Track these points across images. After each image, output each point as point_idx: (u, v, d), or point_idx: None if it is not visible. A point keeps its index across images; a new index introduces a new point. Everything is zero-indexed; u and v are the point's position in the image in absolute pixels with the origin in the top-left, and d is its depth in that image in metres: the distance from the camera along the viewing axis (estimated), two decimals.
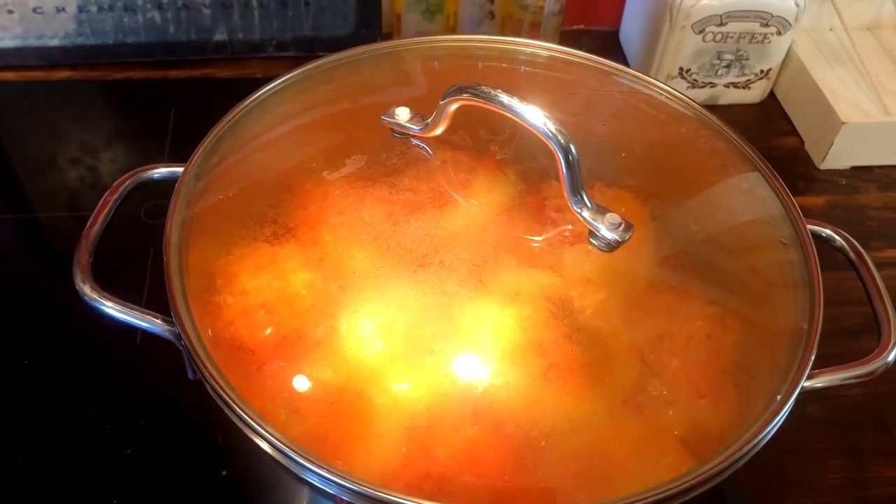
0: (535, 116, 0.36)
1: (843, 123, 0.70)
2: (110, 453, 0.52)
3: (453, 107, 0.40)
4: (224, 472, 0.51)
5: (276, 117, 0.46)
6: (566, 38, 0.82)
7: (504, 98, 0.37)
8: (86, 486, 0.50)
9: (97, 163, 0.70)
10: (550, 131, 0.36)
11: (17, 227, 0.66)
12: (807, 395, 0.57)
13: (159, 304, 0.40)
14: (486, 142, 0.43)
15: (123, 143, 0.72)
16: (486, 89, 0.37)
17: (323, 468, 0.33)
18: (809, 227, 0.43)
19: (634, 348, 0.39)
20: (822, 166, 0.73)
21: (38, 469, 0.51)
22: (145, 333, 0.56)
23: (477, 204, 0.41)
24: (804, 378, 0.37)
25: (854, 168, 0.74)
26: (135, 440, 0.52)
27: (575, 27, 0.84)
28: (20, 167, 0.70)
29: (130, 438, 0.52)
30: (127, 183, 0.43)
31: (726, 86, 0.77)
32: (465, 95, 0.38)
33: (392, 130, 0.43)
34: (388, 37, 0.80)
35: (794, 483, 0.53)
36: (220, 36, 0.76)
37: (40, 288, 0.61)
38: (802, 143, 0.76)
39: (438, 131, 0.42)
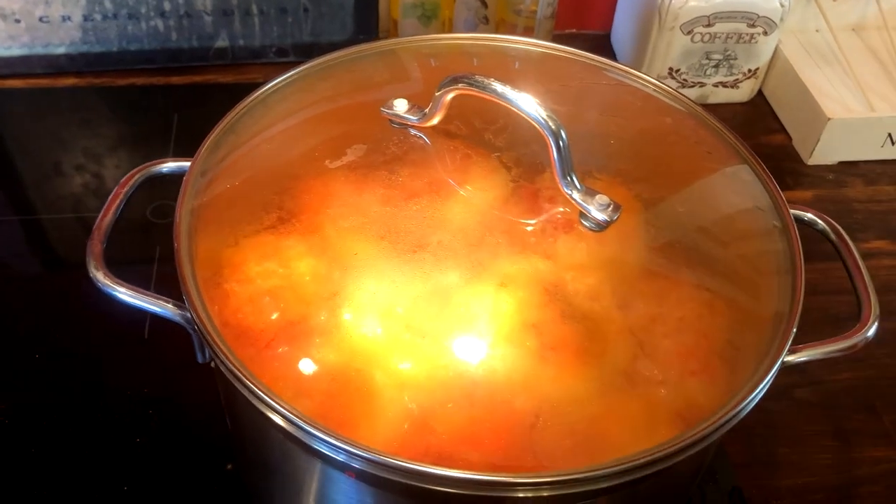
0: (527, 104, 0.38)
1: (829, 119, 0.72)
2: (120, 442, 0.53)
3: (449, 96, 0.42)
4: (229, 466, 0.52)
5: (278, 113, 0.48)
6: (559, 42, 0.83)
7: (498, 87, 0.39)
8: (97, 474, 0.52)
9: (101, 168, 0.71)
10: (542, 117, 0.38)
11: (23, 231, 0.67)
12: (797, 379, 0.59)
13: (169, 297, 0.42)
14: (481, 131, 0.45)
15: (128, 148, 0.73)
16: (480, 79, 0.39)
17: (333, 437, 0.35)
18: (792, 211, 0.44)
19: (627, 329, 0.40)
20: (810, 162, 0.75)
21: (52, 459, 0.52)
22: (153, 327, 0.58)
23: (472, 190, 0.42)
24: (786, 350, 0.38)
25: (841, 163, 0.76)
26: (144, 429, 0.54)
27: (567, 31, 0.87)
28: (26, 173, 0.71)
29: (140, 428, 0.54)
30: (137, 176, 0.45)
31: (715, 85, 0.79)
32: (460, 85, 0.40)
33: (391, 121, 0.45)
34: None
35: (784, 464, 0.55)
36: (221, 42, 0.78)
37: (46, 287, 0.63)
38: (790, 139, 0.77)
39: (435, 121, 0.43)
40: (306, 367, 0.39)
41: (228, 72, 0.79)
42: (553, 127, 0.38)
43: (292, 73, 0.50)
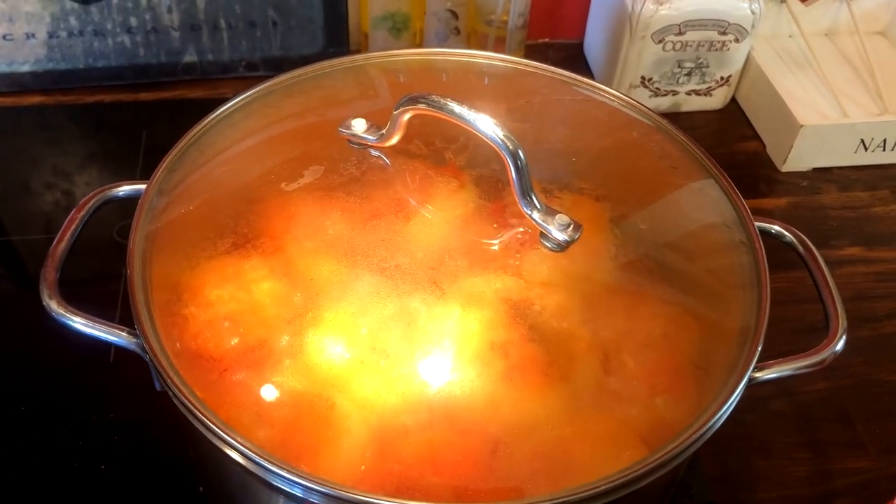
0: (484, 124, 0.38)
1: (802, 126, 0.72)
2: (85, 470, 0.52)
3: (406, 116, 0.41)
4: (201, 489, 0.52)
5: (240, 132, 0.47)
6: (532, 52, 0.84)
7: (455, 107, 0.38)
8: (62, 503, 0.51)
9: (71, 186, 0.70)
10: (499, 137, 0.38)
11: None
12: (772, 391, 0.59)
13: (132, 321, 0.41)
14: (441, 150, 0.44)
15: (96, 166, 0.72)
16: (437, 99, 0.39)
17: (288, 471, 0.34)
18: (758, 224, 0.44)
19: (594, 348, 0.40)
20: (784, 169, 0.75)
21: (15, 486, 0.51)
22: (118, 351, 0.57)
23: (433, 210, 0.42)
24: (751, 368, 0.38)
25: (815, 170, 0.75)
26: (110, 456, 0.53)
27: (540, 41, 0.86)
28: None
29: (105, 455, 0.53)
30: (93, 201, 0.44)
31: (688, 93, 0.79)
32: (417, 105, 0.40)
33: (349, 141, 0.44)
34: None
35: (760, 477, 0.54)
36: (189, 57, 0.77)
37: (15, 309, 0.62)
38: (764, 146, 0.77)
39: (394, 141, 0.43)
40: (267, 393, 0.38)
41: (198, 87, 0.78)
42: (511, 147, 0.37)
43: (257, 89, 0.49)
